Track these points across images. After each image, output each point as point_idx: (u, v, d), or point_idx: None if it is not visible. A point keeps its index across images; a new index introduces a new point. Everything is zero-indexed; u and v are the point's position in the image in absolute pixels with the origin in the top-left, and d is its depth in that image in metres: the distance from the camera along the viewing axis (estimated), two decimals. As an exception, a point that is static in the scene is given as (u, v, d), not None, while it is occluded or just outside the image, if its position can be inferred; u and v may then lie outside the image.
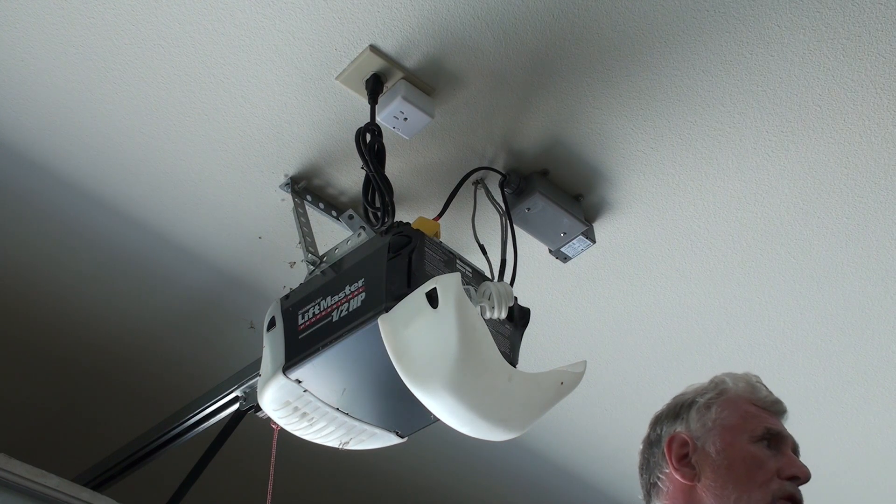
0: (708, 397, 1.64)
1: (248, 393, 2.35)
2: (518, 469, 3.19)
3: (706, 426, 1.61)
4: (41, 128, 2.12)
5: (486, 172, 2.17)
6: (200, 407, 2.46)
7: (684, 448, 1.61)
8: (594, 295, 2.50)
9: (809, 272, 2.42)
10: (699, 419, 1.62)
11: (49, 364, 2.70)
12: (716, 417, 1.61)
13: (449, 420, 1.69)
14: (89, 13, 1.90)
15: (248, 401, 2.35)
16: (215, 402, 2.43)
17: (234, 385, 2.38)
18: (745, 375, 1.68)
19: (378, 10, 1.89)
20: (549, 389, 1.77)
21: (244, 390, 2.36)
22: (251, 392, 2.33)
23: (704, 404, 1.63)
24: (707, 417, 1.62)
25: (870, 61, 1.99)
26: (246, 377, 2.36)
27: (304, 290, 1.91)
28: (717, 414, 1.61)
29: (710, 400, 1.64)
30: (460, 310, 1.64)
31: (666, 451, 1.63)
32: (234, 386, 2.38)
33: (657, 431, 1.68)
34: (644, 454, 1.70)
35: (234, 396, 2.38)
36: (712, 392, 1.65)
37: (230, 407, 2.41)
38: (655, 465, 1.65)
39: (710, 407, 1.63)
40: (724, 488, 1.55)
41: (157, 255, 2.40)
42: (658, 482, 1.63)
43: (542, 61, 1.99)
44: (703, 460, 1.59)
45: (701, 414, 1.63)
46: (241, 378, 2.37)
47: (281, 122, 2.10)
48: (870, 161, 2.17)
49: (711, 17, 1.91)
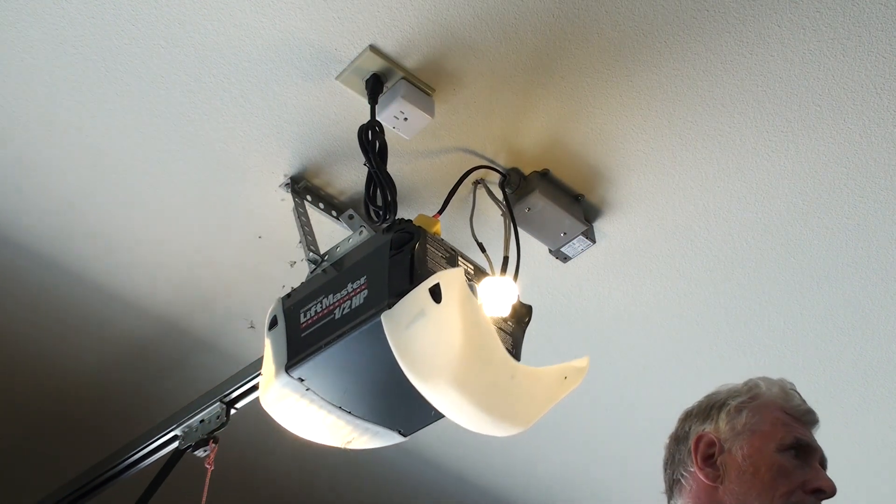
0: (740, 400, 1.64)
1: (186, 433, 2.38)
2: (515, 469, 3.19)
3: (735, 429, 1.61)
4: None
5: (486, 172, 2.17)
6: (139, 446, 2.50)
7: (711, 448, 1.61)
8: (594, 295, 2.50)
9: (809, 272, 2.42)
10: (729, 421, 1.62)
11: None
12: (746, 422, 1.61)
13: (453, 416, 1.69)
14: (89, 13, 1.90)
15: (186, 440, 2.37)
16: (155, 441, 2.46)
17: (173, 424, 2.41)
18: (779, 381, 1.67)
19: (378, 10, 1.89)
20: (552, 385, 1.77)
21: (183, 430, 2.39)
22: (189, 431, 2.37)
23: (736, 407, 1.63)
24: (737, 421, 1.61)
25: (870, 61, 1.99)
26: (184, 416, 2.39)
27: (306, 289, 1.91)
28: (747, 419, 1.61)
29: (742, 403, 1.63)
30: (464, 305, 1.64)
31: (693, 449, 1.63)
32: (173, 425, 2.41)
33: (685, 428, 1.68)
34: (670, 449, 1.70)
35: (172, 435, 2.42)
36: (745, 395, 1.64)
37: (169, 446, 2.44)
38: (680, 462, 1.65)
39: (741, 411, 1.62)
40: (746, 494, 1.55)
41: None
42: (681, 479, 1.63)
43: (542, 61, 1.99)
44: (728, 463, 1.59)
45: (731, 417, 1.62)
46: (180, 418, 2.40)
47: (281, 122, 2.10)
48: (870, 161, 2.17)
49: (711, 17, 1.92)
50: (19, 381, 2.73)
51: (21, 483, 2.97)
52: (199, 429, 2.35)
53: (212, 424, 2.33)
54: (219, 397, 2.34)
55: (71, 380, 2.74)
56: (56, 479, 2.73)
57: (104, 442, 2.71)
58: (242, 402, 2.35)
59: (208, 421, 2.34)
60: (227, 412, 2.32)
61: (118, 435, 2.65)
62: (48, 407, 2.83)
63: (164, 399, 2.72)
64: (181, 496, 2.58)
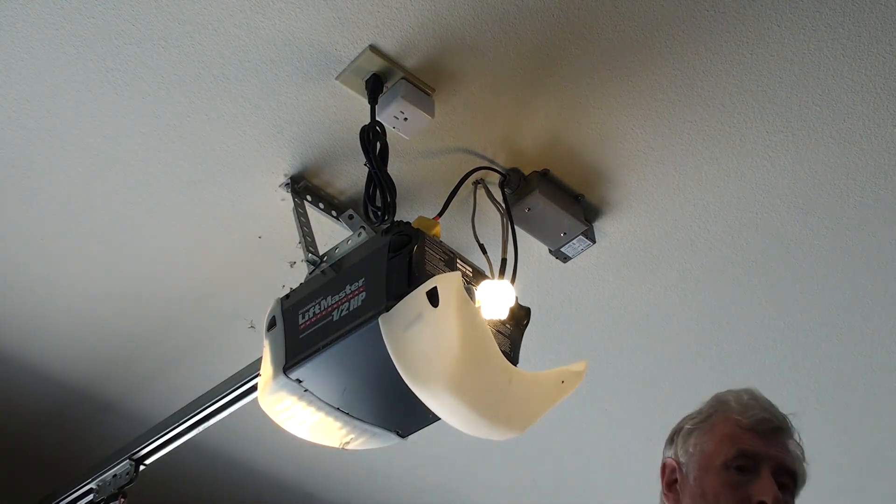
0: (694, 422, 1.66)
1: (100, 486, 2.52)
2: (511, 471, 3.20)
3: (688, 452, 1.63)
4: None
5: (486, 172, 2.17)
6: (60, 496, 2.64)
7: (673, 475, 1.64)
8: (594, 295, 2.50)
9: (809, 272, 2.42)
10: (683, 445, 1.65)
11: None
12: (695, 443, 1.63)
13: (450, 419, 1.69)
14: (89, 13, 1.90)
15: (100, 493, 2.51)
16: (71, 495, 2.61)
17: (89, 478, 2.55)
18: (739, 393, 1.67)
19: (378, 10, 1.89)
20: (550, 388, 1.77)
21: (97, 483, 2.53)
22: (103, 485, 2.52)
23: (688, 431, 1.65)
24: (689, 444, 1.64)
25: (870, 61, 1.99)
26: (101, 469, 2.53)
27: (305, 290, 1.91)
28: (696, 439, 1.63)
29: (695, 425, 1.65)
30: (461, 309, 1.64)
31: (660, 476, 1.67)
32: (89, 479, 2.55)
33: (662, 456, 1.70)
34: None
35: (88, 489, 2.56)
36: (699, 417, 1.66)
37: (86, 497, 2.58)
38: (660, 489, 1.68)
39: (691, 433, 1.64)
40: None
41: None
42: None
43: (542, 61, 1.99)
44: (684, 487, 1.61)
45: (685, 440, 1.65)
46: (97, 470, 2.53)
47: (281, 122, 2.10)
48: (870, 161, 2.17)
49: (711, 17, 1.92)
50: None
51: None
52: (112, 483, 2.51)
53: (122, 480, 2.50)
54: (127, 455, 2.51)
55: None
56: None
57: (25, 491, 2.84)
58: (151, 458, 2.52)
59: (119, 476, 2.51)
60: (136, 468, 2.50)
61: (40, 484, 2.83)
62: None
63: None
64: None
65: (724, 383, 2.74)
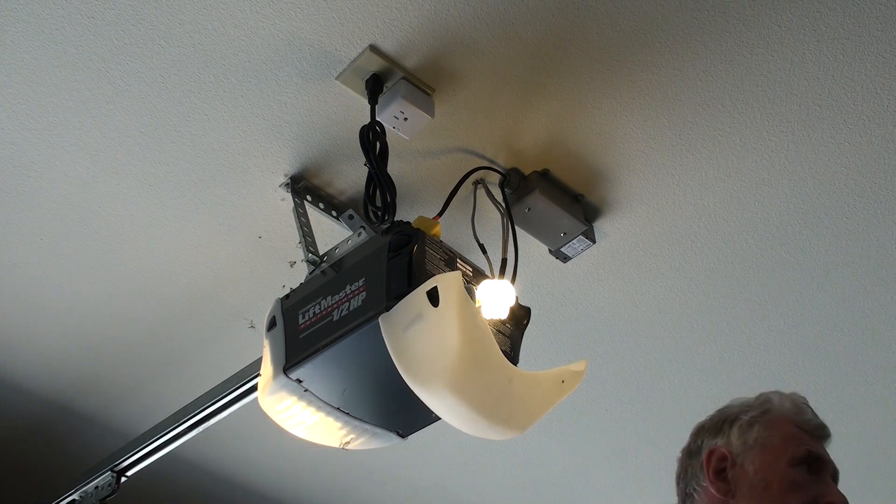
0: (752, 415, 1.64)
1: (83, 497, 2.55)
2: (511, 471, 3.19)
3: (747, 444, 1.61)
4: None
5: (486, 172, 2.17)
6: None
7: (723, 462, 1.61)
8: (594, 295, 2.50)
9: (809, 272, 2.42)
10: (741, 436, 1.62)
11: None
12: (757, 436, 1.61)
13: (450, 419, 1.69)
14: (89, 13, 1.90)
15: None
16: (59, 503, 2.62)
17: (73, 488, 2.57)
18: (791, 395, 1.67)
19: (378, 10, 1.89)
20: (550, 388, 1.77)
21: (80, 494, 2.55)
22: (85, 496, 2.54)
23: (748, 421, 1.63)
24: (749, 435, 1.62)
25: (870, 61, 1.99)
26: (83, 481, 2.54)
27: (305, 290, 1.91)
28: (759, 433, 1.61)
29: (754, 418, 1.63)
30: (461, 308, 1.64)
31: (705, 463, 1.63)
32: (72, 490, 2.57)
33: (698, 443, 1.68)
34: (682, 463, 1.70)
35: (70, 500, 2.58)
36: (757, 410, 1.65)
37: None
38: (692, 476, 1.65)
39: (752, 425, 1.63)
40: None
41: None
42: (694, 493, 1.64)
43: (542, 61, 1.99)
44: (740, 477, 1.59)
45: (743, 431, 1.62)
46: (79, 482, 2.55)
47: (281, 122, 2.10)
48: (870, 161, 2.17)
49: (711, 17, 1.92)
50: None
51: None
52: (94, 494, 2.54)
53: (104, 491, 2.53)
54: (109, 467, 2.53)
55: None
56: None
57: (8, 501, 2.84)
58: (132, 470, 2.54)
59: (101, 488, 2.53)
60: (118, 480, 2.52)
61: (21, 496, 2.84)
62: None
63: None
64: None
65: (725, 383, 2.76)
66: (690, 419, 2.64)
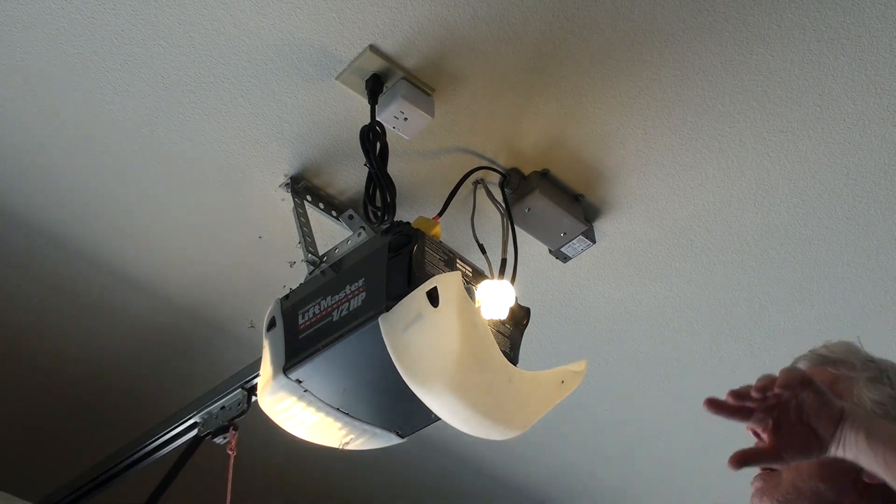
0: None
1: (206, 419, 2.35)
2: (509, 472, 3.19)
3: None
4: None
5: (486, 172, 2.17)
6: (159, 433, 2.46)
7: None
8: (594, 295, 2.50)
9: (809, 272, 2.42)
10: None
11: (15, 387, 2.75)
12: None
13: (450, 419, 1.69)
14: (89, 13, 1.90)
15: (206, 427, 2.34)
16: (174, 428, 2.43)
17: (193, 411, 2.38)
18: None
19: (378, 10, 1.89)
20: (549, 388, 1.77)
21: (202, 416, 2.36)
22: (209, 418, 2.34)
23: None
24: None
25: (870, 61, 1.99)
26: (204, 403, 2.36)
27: (305, 290, 1.91)
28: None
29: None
30: (461, 309, 1.64)
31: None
32: (194, 412, 2.37)
33: (883, 375, 1.49)
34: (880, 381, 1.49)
35: (192, 422, 2.38)
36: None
37: (189, 433, 2.41)
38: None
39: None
40: None
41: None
42: None
43: (542, 61, 1.99)
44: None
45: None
46: (200, 404, 2.37)
47: (281, 122, 2.10)
48: (870, 161, 2.17)
49: (711, 17, 1.92)
50: (38, 366, 2.71)
51: (40, 470, 2.96)
52: (220, 415, 2.31)
53: (232, 411, 2.29)
54: (240, 384, 2.30)
55: (88, 366, 2.72)
56: (75, 466, 2.72)
57: (123, 429, 2.70)
58: None
59: (229, 408, 2.31)
60: (249, 399, 2.28)
61: (137, 422, 2.64)
62: (66, 392, 2.80)
63: (182, 386, 2.69)
64: (200, 483, 2.61)
65: (724, 383, 2.73)
66: (690, 419, 2.65)
